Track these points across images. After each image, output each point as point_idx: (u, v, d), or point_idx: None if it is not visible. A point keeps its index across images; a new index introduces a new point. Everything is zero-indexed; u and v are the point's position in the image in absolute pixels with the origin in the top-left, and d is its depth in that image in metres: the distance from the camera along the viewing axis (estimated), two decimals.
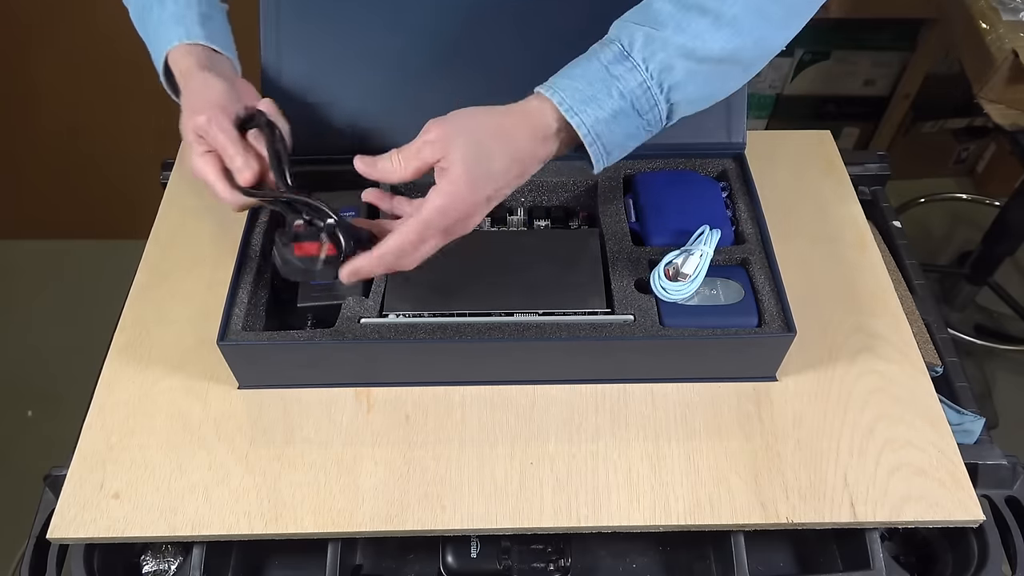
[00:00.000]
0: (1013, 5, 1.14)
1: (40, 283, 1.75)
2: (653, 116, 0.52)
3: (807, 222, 0.77)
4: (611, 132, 0.52)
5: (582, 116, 0.51)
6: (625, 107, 0.51)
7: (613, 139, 0.52)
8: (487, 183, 0.52)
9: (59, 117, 1.53)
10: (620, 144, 0.53)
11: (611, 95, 0.50)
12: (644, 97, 0.51)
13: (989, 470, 0.63)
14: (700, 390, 0.65)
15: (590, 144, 0.52)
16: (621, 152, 0.54)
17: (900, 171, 1.05)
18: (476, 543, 0.62)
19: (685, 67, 0.50)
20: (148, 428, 0.63)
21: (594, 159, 0.53)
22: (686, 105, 0.53)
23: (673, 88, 0.51)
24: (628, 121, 0.52)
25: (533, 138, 0.52)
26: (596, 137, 0.51)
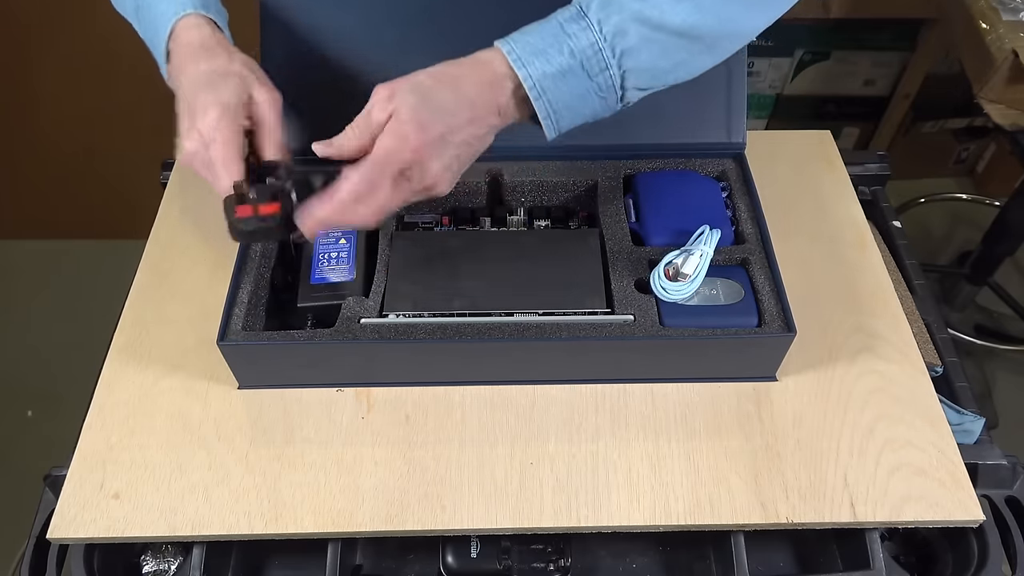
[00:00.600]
0: (1013, 5, 1.15)
1: (40, 283, 1.75)
2: (604, 80, 0.51)
3: (807, 222, 0.77)
4: (557, 89, 0.51)
5: (529, 68, 0.51)
6: (574, 65, 0.51)
7: (560, 97, 0.52)
8: (435, 121, 0.50)
9: (59, 117, 1.53)
10: (568, 105, 0.52)
11: (561, 52, 0.50)
12: (595, 58, 0.51)
13: (989, 470, 0.63)
14: (700, 390, 0.65)
15: (535, 98, 0.51)
16: (571, 116, 0.53)
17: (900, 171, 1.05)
18: (476, 543, 0.62)
19: (640, 33, 0.50)
20: (148, 428, 0.63)
21: (540, 116, 0.52)
22: (640, 75, 0.52)
23: (625, 53, 0.51)
24: (576, 81, 0.51)
25: (481, 82, 0.52)
26: (542, 91, 0.51)
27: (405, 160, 0.50)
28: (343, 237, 0.68)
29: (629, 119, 0.72)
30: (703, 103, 0.72)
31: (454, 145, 0.52)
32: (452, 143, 0.52)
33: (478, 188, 0.72)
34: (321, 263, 0.67)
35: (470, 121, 0.52)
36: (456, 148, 0.52)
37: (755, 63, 1.64)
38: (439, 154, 0.51)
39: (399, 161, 0.50)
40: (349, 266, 0.67)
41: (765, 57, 1.63)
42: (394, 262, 0.66)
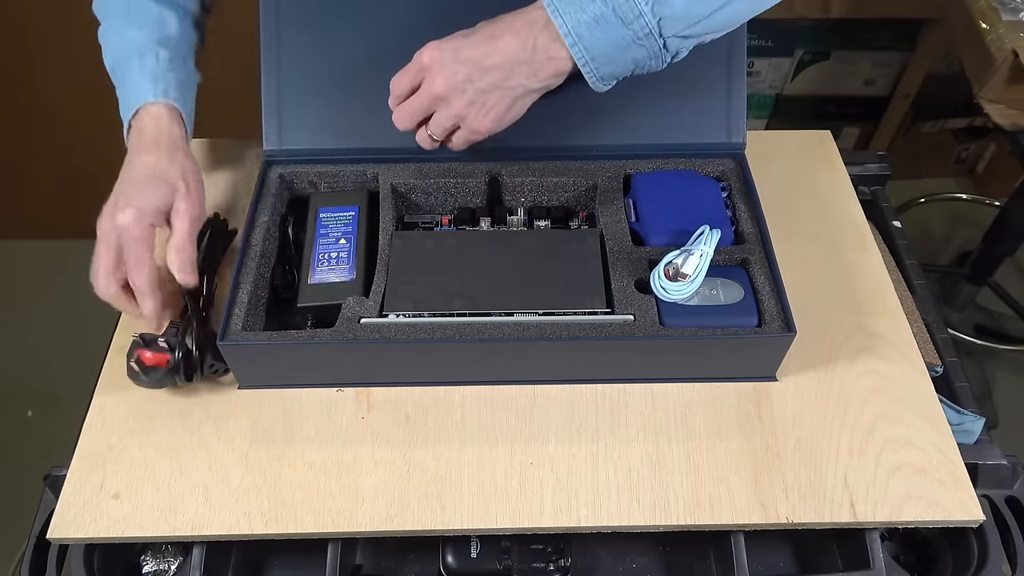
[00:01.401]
0: (1013, 5, 1.15)
1: (40, 283, 1.75)
2: (640, 27, 0.53)
3: (807, 222, 0.77)
4: (592, 36, 0.53)
5: (564, 16, 0.53)
6: (607, 13, 0.52)
7: (596, 44, 0.53)
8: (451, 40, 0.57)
9: (60, 117, 1.54)
10: (606, 52, 0.54)
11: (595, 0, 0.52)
12: (627, 5, 0.52)
13: (989, 470, 0.63)
14: (700, 390, 0.65)
15: (571, 45, 0.54)
16: (612, 65, 0.55)
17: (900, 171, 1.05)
18: (476, 543, 0.62)
19: None
20: (148, 428, 0.63)
21: (578, 62, 0.55)
22: (678, 22, 0.53)
23: (658, 1, 0.52)
24: (612, 29, 0.53)
25: (511, 22, 0.55)
26: (577, 38, 0.53)
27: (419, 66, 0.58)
28: (343, 237, 0.69)
29: (629, 119, 0.72)
30: (703, 103, 0.72)
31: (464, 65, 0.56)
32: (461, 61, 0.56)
33: (478, 188, 0.72)
34: (321, 263, 0.67)
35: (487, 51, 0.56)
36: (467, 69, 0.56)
37: (755, 63, 1.64)
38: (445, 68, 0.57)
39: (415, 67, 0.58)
40: (349, 266, 0.67)
41: (765, 57, 1.63)
42: (394, 262, 0.66)
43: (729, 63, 0.71)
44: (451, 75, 0.57)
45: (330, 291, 0.65)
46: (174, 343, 0.61)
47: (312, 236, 0.69)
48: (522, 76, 0.57)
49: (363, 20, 0.70)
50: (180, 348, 0.61)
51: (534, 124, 0.63)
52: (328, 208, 0.71)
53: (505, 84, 0.57)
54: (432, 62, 0.57)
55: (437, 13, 0.69)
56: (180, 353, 0.60)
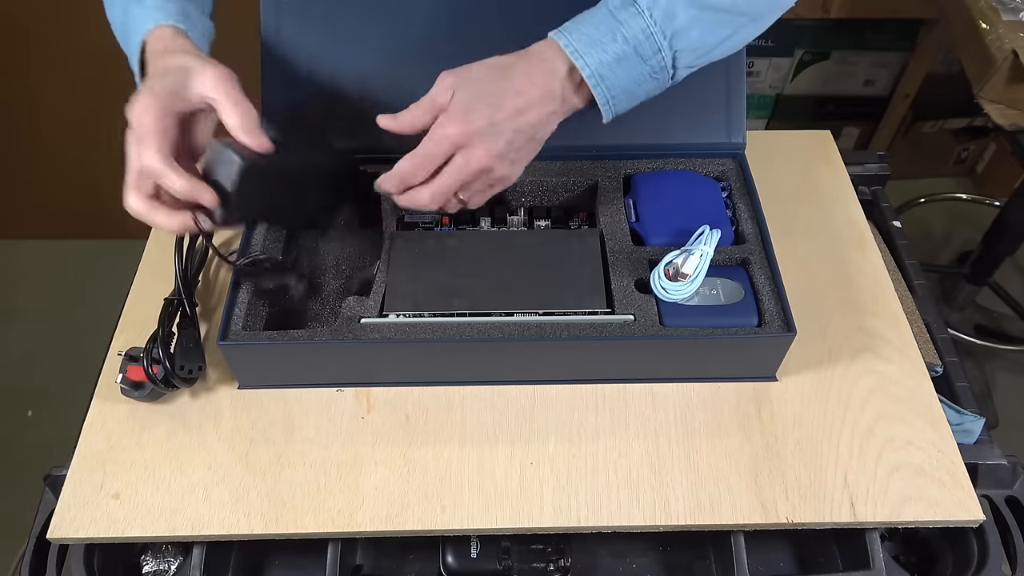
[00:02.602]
0: (1013, 5, 1.14)
1: (40, 283, 1.75)
2: (657, 62, 0.54)
3: (807, 222, 0.77)
4: (615, 75, 0.54)
5: (586, 58, 0.53)
6: (628, 52, 0.53)
7: (617, 82, 0.54)
8: (480, 109, 0.54)
9: (59, 117, 1.54)
10: (626, 89, 0.55)
11: (615, 39, 0.53)
12: (648, 42, 0.53)
13: (989, 470, 0.63)
14: (700, 390, 0.65)
15: (594, 85, 0.54)
16: (628, 99, 0.56)
17: (900, 171, 1.05)
18: (476, 543, 0.62)
19: (688, 14, 0.52)
20: (148, 428, 0.63)
21: (600, 101, 0.55)
22: (691, 53, 0.54)
23: (676, 34, 0.53)
24: (632, 66, 0.54)
25: (531, 71, 0.54)
26: (600, 79, 0.54)
27: (452, 143, 0.54)
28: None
29: (629, 119, 0.72)
30: (703, 103, 0.72)
31: (502, 133, 0.55)
32: (499, 132, 0.54)
33: None
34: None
35: (518, 111, 0.54)
36: (505, 136, 0.55)
37: (755, 63, 1.64)
38: (485, 141, 0.54)
39: (447, 143, 0.54)
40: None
41: (765, 57, 1.63)
42: (394, 262, 0.66)
43: (729, 63, 0.71)
44: (492, 146, 0.55)
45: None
46: (157, 355, 0.61)
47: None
48: (552, 123, 0.57)
49: (363, 21, 0.70)
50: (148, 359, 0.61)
51: None
52: None
53: (538, 136, 0.57)
54: (466, 138, 0.54)
55: (437, 14, 0.69)
56: (151, 365, 0.61)
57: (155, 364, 0.61)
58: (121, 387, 0.62)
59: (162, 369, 0.61)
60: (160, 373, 0.61)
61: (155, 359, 0.61)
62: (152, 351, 0.61)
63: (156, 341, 0.62)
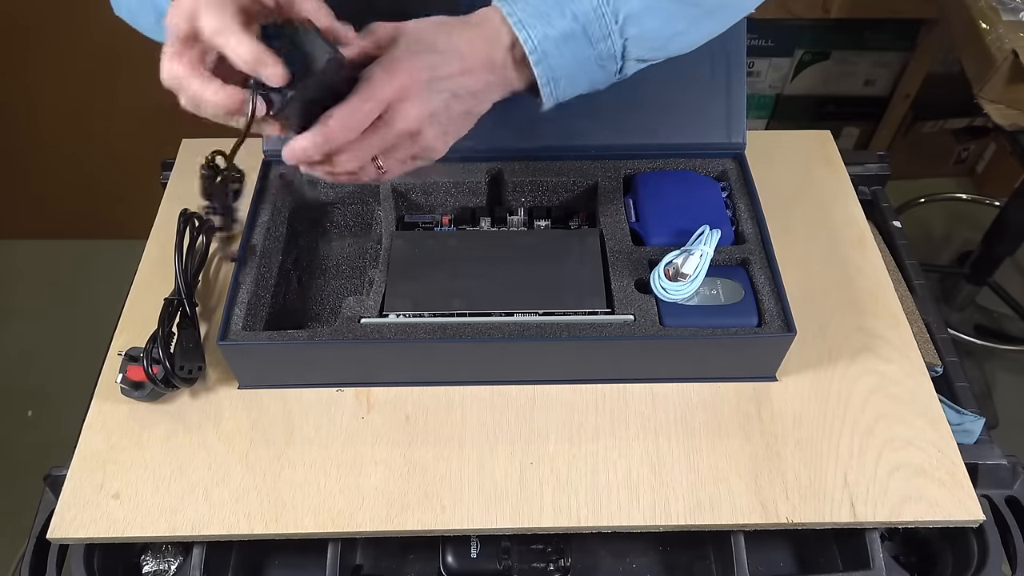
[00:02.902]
0: (1013, 5, 1.14)
1: (40, 283, 1.75)
2: (605, 48, 0.50)
3: (807, 222, 0.77)
4: (560, 54, 0.50)
5: (530, 30, 0.49)
6: (576, 30, 0.49)
7: (562, 63, 0.50)
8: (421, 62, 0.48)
9: (59, 117, 1.54)
10: (569, 72, 0.51)
11: (564, 15, 0.49)
12: (597, 23, 0.49)
13: (989, 470, 0.63)
14: (700, 390, 0.65)
15: (536, 62, 0.50)
16: (570, 85, 0.52)
17: (900, 171, 1.05)
18: (476, 543, 0.62)
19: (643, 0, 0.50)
20: (148, 428, 0.63)
21: (540, 81, 0.51)
22: (641, 43, 0.51)
23: (628, 19, 0.50)
24: (578, 47, 0.50)
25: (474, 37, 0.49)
26: (543, 55, 0.50)
27: (386, 95, 0.47)
28: None
29: (629, 119, 0.72)
30: (703, 103, 0.72)
31: (440, 92, 0.49)
32: (438, 90, 0.49)
33: (478, 188, 0.72)
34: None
35: (461, 72, 0.49)
36: (443, 96, 0.49)
37: (755, 63, 1.64)
38: (421, 98, 0.48)
39: (381, 95, 0.47)
40: None
41: (765, 57, 1.63)
42: (394, 262, 0.66)
43: (729, 63, 0.71)
44: (427, 105, 0.48)
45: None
46: (157, 355, 0.61)
47: None
48: (488, 98, 0.52)
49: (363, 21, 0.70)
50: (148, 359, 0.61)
51: (534, 124, 0.63)
52: None
53: (474, 110, 0.52)
54: (404, 91, 0.47)
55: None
56: (151, 365, 0.61)
57: (155, 364, 0.61)
58: (121, 387, 0.62)
59: (162, 369, 0.61)
60: (160, 373, 0.61)
61: (155, 359, 0.61)
62: (152, 351, 0.61)
63: (156, 341, 0.62)
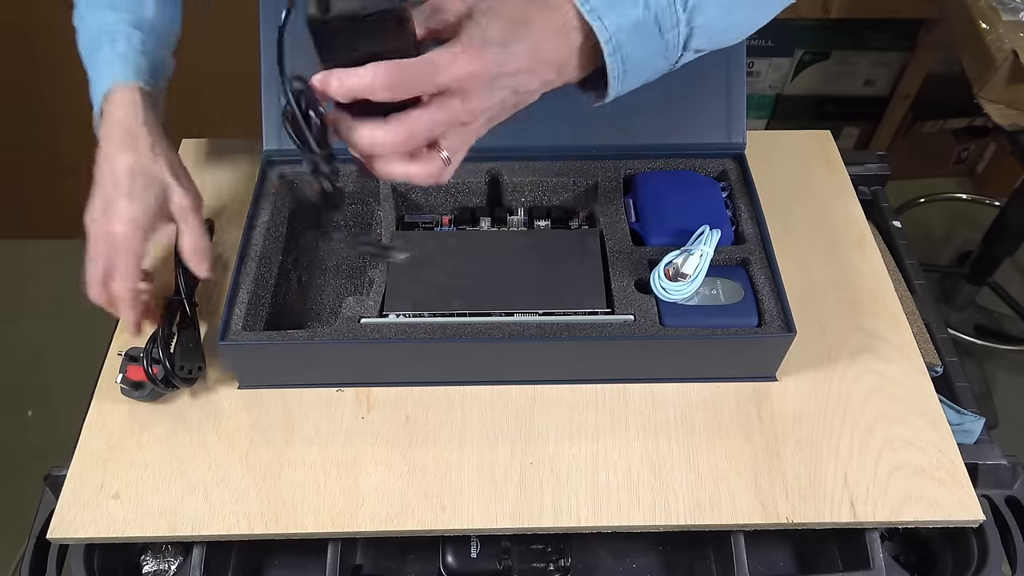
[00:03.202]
0: (1013, 5, 1.14)
1: (40, 283, 1.75)
2: (672, 38, 0.49)
3: (807, 222, 0.77)
4: (632, 44, 0.48)
5: (605, 20, 0.46)
6: (648, 19, 0.48)
7: (633, 54, 0.48)
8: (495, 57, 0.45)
9: (62, 118, 1.53)
10: (638, 65, 0.49)
11: (636, 3, 0.47)
12: (668, 11, 0.48)
13: (989, 470, 0.63)
14: (700, 390, 0.65)
15: (610, 53, 0.47)
16: (636, 77, 0.50)
17: (900, 171, 1.05)
18: (476, 543, 0.62)
19: None
20: (148, 428, 0.63)
21: (611, 74, 0.48)
22: (703, 33, 0.50)
23: (696, 8, 0.49)
24: (649, 38, 0.48)
25: (551, 28, 0.47)
26: (617, 46, 0.47)
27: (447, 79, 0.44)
28: None
29: (629, 119, 0.72)
30: (703, 103, 0.72)
31: (502, 89, 0.47)
32: (500, 87, 0.47)
33: (478, 188, 0.72)
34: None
35: (528, 70, 0.47)
36: (503, 93, 0.47)
37: (755, 63, 1.64)
38: (481, 93, 0.46)
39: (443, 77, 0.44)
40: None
41: (765, 57, 1.63)
42: (394, 262, 0.66)
43: (729, 63, 0.71)
44: (485, 99, 0.47)
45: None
46: (157, 355, 0.61)
47: None
48: (537, 96, 0.49)
49: None
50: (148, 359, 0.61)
51: (534, 124, 0.62)
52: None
53: (525, 103, 0.50)
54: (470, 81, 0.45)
55: None
56: (151, 365, 0.61)
57: (155, 364, 0.61)
58: (121, 387, 0.62)
59: (162, 369, 0.61)
60: (160, 373, 0.61)
61: (155, 359, 0.61)
62: (152, 351, 0.61)
63: (156, 341, 0.62)
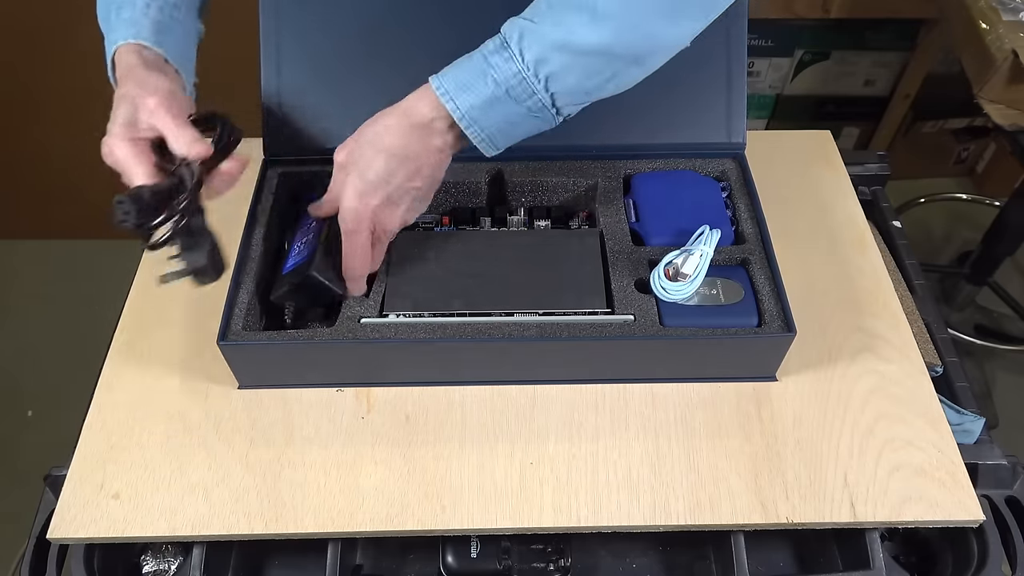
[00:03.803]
0: (1013, 5, 1.14)
1: (40, 283, 1.75)
2: (534, 104, 0.53)
3: (807, 222, 0.77)
4: (486, 117, 0.54)
5: (457, 101, 0.54)
6: (499, 94, 0.53)
7: (491, 123, 0.55)
8: (376, 192, 0.57)
9: (59, 117, 1.53)
10: (501, 129, 0.55)
11: (486, 83, 0.53)
12: (520, 87, 0.52)
13: (989, 470, 0.63)
14: (700, 390, 0.65)
15: (466, 127, 0.55)
16: (507, 137, 0.57)
17: (900, 171, 1.05)
18: (476, 543, 0.62)
19: (561, 60, 0.52)
20: (148, 428, 0.63)
21: (475, 141, 0.56)
22: (569, 95, 0.54)
23: (551, 78, 0.52)
24: (505, 107, 0.54)
25: (412, 129, 0.56)
26: (472, 121, 0.54)
27: (364, 227, 0.58)
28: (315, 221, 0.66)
29: (629, 119, 0.72)
30: (703, 103, 0.72)
31: (402, 197, 0.59)
32: (400, 198, 0.58)
33: (478, 188, 0.72)
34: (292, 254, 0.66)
35: (409, 176, 0.57)
36: (407, 196, 0.59)
37: (755, 63, 1.64)
38: (390, 211, 0.59)
39: (361, 230, 0.58)
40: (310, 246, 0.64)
41: (765, 57, 1.63)
42: (394, 262, 0.66)
43: (729, 63, 0.71)
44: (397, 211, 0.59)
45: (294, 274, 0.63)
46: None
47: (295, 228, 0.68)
48: (444, 167, 0.59)
49: (363, 22, 0.70)
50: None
51: None
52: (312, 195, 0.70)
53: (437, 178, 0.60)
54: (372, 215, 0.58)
55: (438, 13, 0.69)
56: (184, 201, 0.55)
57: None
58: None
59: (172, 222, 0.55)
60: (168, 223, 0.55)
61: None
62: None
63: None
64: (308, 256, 0.63)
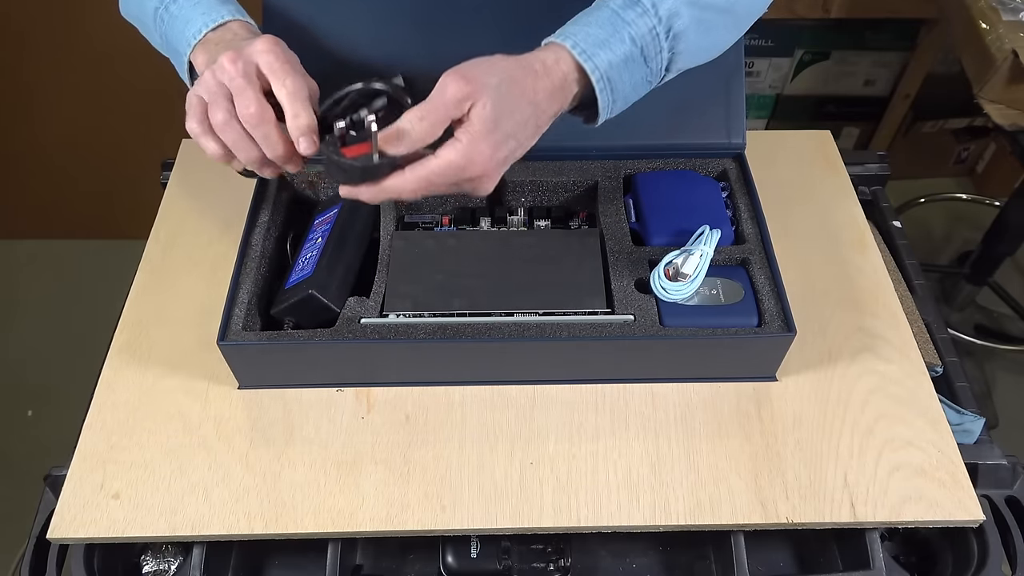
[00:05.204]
0: (1013, 5, 1.14)
1: (40, 283, 1.75)
2: (656, 64, 0.52)
3: (807, 222, 0.77)
4: (621, 78, 0.51)
5: (595, 60, 0.50)
6: (635, 53, 0.51)
7: (622, 86, 0.52)
8: (507, 141, 0.50)
9: (58, 117, 1.53)
10: (625, 94, 0.53)
11: (623, 40, 0.50)
12: (653, 43, 0.51)
13: (989, 470, 0.63)
14: (700, 390, 0.65)
15: (601, 90, 0.51)
16: (624, 103, 0.54)
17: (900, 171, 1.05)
18: (476, 543, 0.62)
19: (690, 14, 0.51)
20: (148, 428, 0.63)
21: (601, 106, 0.52)
22: (684, 56, 0.53)
23: (678, 36, 0.51)
24: (636, 68, 0.52)
25: (551, 89, 0.51)
26: (608, 82, 0.51)
27: (470, 176, 0.50)
28: (320, 236, 0.67)
29: (629, 119, 0.72)
30: (703, 103, 0.72)
31: (513, 159, 0.52)
32: (512, 159, 0.52)
33: None
34: (298, 266, 0.66)
35: (532, 135, 0.52)
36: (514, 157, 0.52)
37: (755, 63, 1.64)
38: (497, 173, 0.52)
39: (463, 177, 0.50)
40: (314, 262, 0.65)
41: (765, 57, 1.63)
42: (394, 262, 0.66)
43: (729, 63, 0.71)
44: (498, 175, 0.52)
45: (295, 291, 0.63)
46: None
47: (302, 243, 0.69)
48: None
49: (363, 24, 0.70)
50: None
51: None
52: (321, 213, 0.71)
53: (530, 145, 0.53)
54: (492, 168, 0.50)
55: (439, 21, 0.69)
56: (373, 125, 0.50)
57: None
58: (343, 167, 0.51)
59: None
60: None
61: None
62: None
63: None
64: (311, 272, 0.64)
